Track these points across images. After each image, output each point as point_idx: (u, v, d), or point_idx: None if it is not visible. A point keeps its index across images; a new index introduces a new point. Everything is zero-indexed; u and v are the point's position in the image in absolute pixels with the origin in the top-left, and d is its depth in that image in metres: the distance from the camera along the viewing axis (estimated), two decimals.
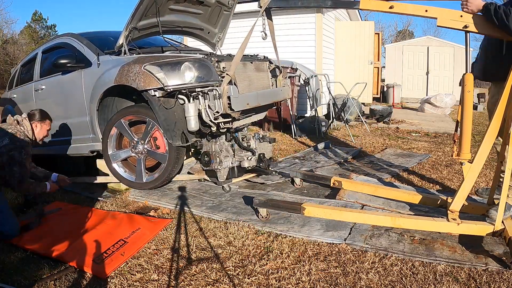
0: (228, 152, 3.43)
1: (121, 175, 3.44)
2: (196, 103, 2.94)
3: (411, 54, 13.13)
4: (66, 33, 4.21)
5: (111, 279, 2.13)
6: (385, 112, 8.13)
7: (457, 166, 4.20)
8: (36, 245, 2.53)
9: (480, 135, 5.75)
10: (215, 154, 3.33)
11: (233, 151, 3.47)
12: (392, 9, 2.39)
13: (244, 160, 3.47)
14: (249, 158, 3.51)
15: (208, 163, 3.33)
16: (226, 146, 3.41)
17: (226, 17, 4.22)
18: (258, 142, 3.77)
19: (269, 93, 3.64)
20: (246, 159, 3.48)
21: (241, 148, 3.55)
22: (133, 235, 2.62)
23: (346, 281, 2.05)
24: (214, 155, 3.33)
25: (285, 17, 7.57)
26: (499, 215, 2.30)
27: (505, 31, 2.18)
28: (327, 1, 2.74)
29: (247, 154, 3.54)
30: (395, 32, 32.39)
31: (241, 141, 3.56)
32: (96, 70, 3.43)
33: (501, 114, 2.29)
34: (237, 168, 3.49)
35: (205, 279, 2.11)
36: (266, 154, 3.80)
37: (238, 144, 3.52)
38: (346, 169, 4.26)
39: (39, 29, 26.15)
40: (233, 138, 3.45)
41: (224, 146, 3.39)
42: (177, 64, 2.90)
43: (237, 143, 3.51)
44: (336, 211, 2.64)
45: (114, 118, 3.35)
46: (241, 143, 3.53)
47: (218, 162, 3.32)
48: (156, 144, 3.25)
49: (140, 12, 3.34)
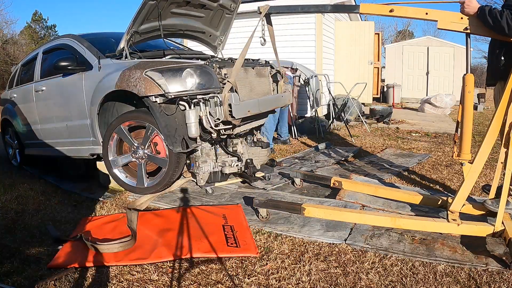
0: (209, 156, 3.40)
1: (123, 181, 3.42)
2: (197, 109, 2.92)
3: (411, 54, 13.13)
4: (67, 34, 4.19)
5: (111, 279, 2.13)
6: (385, 112, 8.14)
7: (457, 166, 4.20)
8: (135, 255, 2.38)
9: (480, 136, 5.75)
10: (195, 158, 3.33)
11: (215, 156, 3.43)
12: (392, 13, 2.40)
13: (226, 166, 3.42)
14: (233, 164, 3.46)
15: (189, 166, 3.34)
16: (207, 150, 3.38)
17: (228, 20, 4.21)
18: (248, 146, 3.73)
19: (271, 99, 3.62)
20: (228, 165, 3.43)
21: (226, 152, 3.49)
22: (229, 220, 2.79)
23: (346, 281, 2.05)
24: (194, 158, 3.33)
25: (285, 17, 7.56)
26: (499, 215, 2.30)
27: (500, 33, 2.20)
28: (327, 6, 2.74)
29: (232, 159, 3.49)
30: (395, 32, 32.45)
31: (226, 145, 3.50)
32: (97, 74, 3.42)
33: (502, 115, 2.29)
34: (220, 173, 3.46)
35: (206, 279, 2.11)
36: (259, 160, 3.78)
37: (223, 148, 3.47)
38: (346, 169, 4.26)
39: (39, 30, 26.20)
40: (217, 142, 3.40)
41: (205, 151, 3.37)
42: (179, 70, 2.89)
43: (221, 148, 3.47)
44: (336, 211, 2.64)
45: (114, 123, 3.33)
46: (225, 148, 3.48)
47: (197, 166, 3.32)
48: (157, 149, 3.24)
49: (141, 16, 3.33)
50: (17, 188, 3.95)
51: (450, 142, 5.74)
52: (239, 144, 3.62)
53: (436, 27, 2.37)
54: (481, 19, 2.21)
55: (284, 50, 6.58)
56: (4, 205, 3.44)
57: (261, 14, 2.86)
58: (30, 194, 3.76)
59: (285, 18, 7.55)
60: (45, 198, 3.65)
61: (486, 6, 2.21)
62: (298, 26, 7.66)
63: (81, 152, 3.93)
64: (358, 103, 7.91)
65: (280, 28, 6.82)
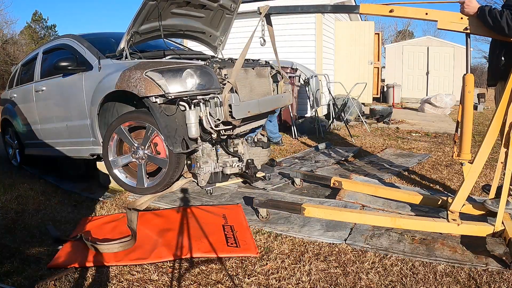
0: (210, 157, 3.40)
1: (123, 181, 3.42)
2: (197, 110, 2.93)
3: (411, 54, 13.12)
4: (67, 34, 4.18)
5: (111, 279, 2.13)
6: (385, 112, 8.14)
7: (457, 166, 4.20)
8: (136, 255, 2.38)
9: (480, 136, 5.75)
10: (196, 159, 3.33)
11: (216, 156, 3.43)
12: (392, 13, 2.40)
13: (227, 166, 3.42)
14: (234, 165, 3.46)
15: (190, 167, 3.33)
16: (208, 151, 3.38)
17: (228, 20, 4.20)
18: (249, 147, 3.72)
19: (271, 99, 3.62)
20: (229, 166, 3.43)
21: (227, 153, 3.49)
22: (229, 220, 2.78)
23: (346, 281, 2.05)
24: (195, 159, 3.33)
25: (285, 17, 7.56)
26: (499, 215, 2.30)
27: (500, 33, 2.20)
28: (327, 6, 2.74)
29: (233, 159, 3.49)
30: (395, 32, 32.46)
31: (227, 145, 3.50)
32: (97, 74, 3.42)
33: (502, 115, 2.29)
34: (221, 173, 3.46)
35: (206, 279, 2.11)
36: (260, 160, 3.77)
37: (224, 148, 3.47)
38: (346, 169, 4.26)
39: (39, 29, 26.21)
40: (218, 142, 3.39)
41: (206, 151, 3.37)
42: (179, 71, 2.89)
43: (222, 148, 3.46)
44: (336, 211, 2.64)
45: (114, 124, 3.33)
46: (226, 148, 3.47)
47: (198, 167, 3.32)
48: (157, 149, 3.24)
49: (142, 16, 3.33)
50: (17, 188, 3.95)
51: (450, 142, 5.74)
52: (240, 144, 3.62)
53: (436, 27, 2.37)
54: (481, 19, 2.21)
55: (284, 50, 6.58)
56: (4, 205, 3.44)
57: (261, 14, 2.86)
58: (30, 194, 3.76)
59: (285, 18, 7.55)
60: (45, 198, 3.65)
61: (486, 6, 2.22)
62: (298, 26, 7.66)
63: (81, 152, 3.93)
64: (358, 103, 7.91)
65: (280, 28, 6.82)
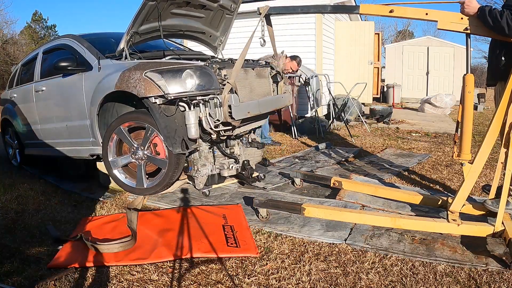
0: (207, 159, 3.40)
1: (122, 181, 3.42)
2: (197, 110, 2.92)
3: (411, 54, 13.13)
4: (67, 34, 4.18)
5: (111, 279, 2.13)
6: (385, 112, 8.13)
7: (457, 166, 4.20)
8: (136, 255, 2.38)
9: (480, 136, 5.75)
10: (193, 161, 3.33)
11: (213, 158, 3.43)
12: (392, 13, 2.40)
13: (224, 169, 3.43)
14: (230, 167, 3.46)
15: (187, 169, 3.33)
16: (205, 153, 3.38)
17: (228, 20, 4.20)
18: (244, 147, 3.72)
19: (270, 100, 3.61)
20: (226, 168, 3.44)
21: (224, 155, 3.49)
22: (229, 220, 2.79)
23: (346, 281, 2.05)
24: (192, 162, 3.33)
25: (285, 17, 7.56)
26: (499, 215, 2.30)
27: (500, 33, 2.20)
28: (327, 7, 2.75)
29: (229, 161, 3.50)
30: (395, 32, 32.47)
31: (224, 147, 3.49)
32: (96, 74, 3.41)
33: (502, 115, 2.29)
34: (218, 175, 3.46)
35: (206, 279, 2.11)
36: (254, 160, 3.77)
37: (221, 150, 3.46)
38: (346, 169, 4.26)
39: (39, 30, 26.21)
40: (214, 144, 3.39)
41: (203, 154, 3.37)
42: (179, 71, 2.88)
43: (219, 150, 3.46)
44: (336, 211, 2.64)
45: (114, 124, 3.32)
46: (223, 150, 3.47)
47: (196, 170, 3.32)
48: (156, 150, 3.24)
49: (141, 17, 3.32)
50: (17, 188, 3.95)
51: (450, 142, 5.74)
52: (236, 145, 3.62)
53: (436, 28, 2.37)
54: (481, 19, 2.21)
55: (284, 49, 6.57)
56: (4, 205, 3.44)
57: (260, 15, 2.86)
58: (30, 194, 3.76)
59: (285, 18, 7.54)
60: (45, 198, 3.65)
61: (486, 6, 2.22)
62: (298, 26, 7.66)
63: (81, 152, 3.93)
64: (358, 103, 7.91)
65: (280, 28, 6.82)
